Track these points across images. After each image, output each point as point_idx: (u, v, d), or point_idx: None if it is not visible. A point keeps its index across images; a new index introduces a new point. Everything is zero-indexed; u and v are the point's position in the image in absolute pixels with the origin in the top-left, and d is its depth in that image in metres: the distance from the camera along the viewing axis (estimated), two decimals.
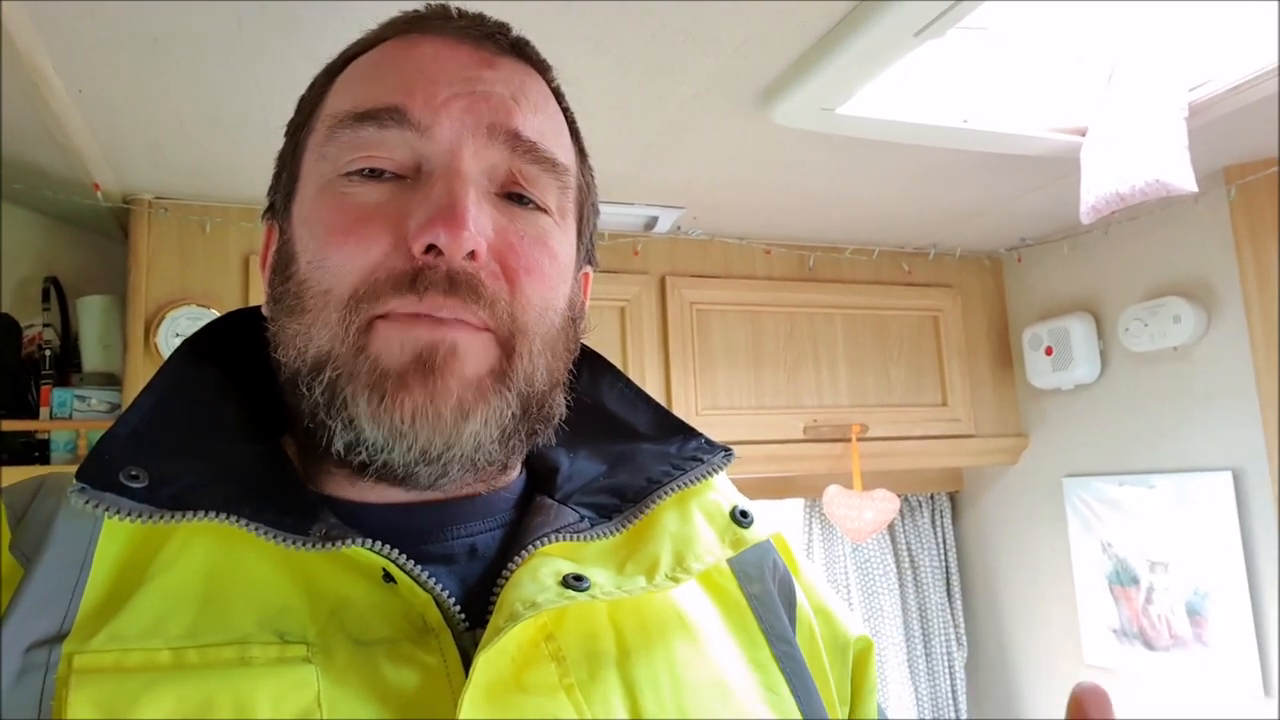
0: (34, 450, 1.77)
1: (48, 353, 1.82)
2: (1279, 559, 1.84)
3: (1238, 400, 1.92)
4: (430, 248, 0.48)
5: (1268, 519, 1.86)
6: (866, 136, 1.59)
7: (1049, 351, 2.29)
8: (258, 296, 1.94)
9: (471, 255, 0.48)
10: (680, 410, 2.10)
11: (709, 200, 1.99)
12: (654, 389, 2.13)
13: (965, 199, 2.06)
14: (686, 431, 0.60)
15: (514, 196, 0.52)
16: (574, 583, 0.49)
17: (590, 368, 0.63)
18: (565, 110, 0.59)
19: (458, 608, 0.48)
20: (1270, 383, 1.83)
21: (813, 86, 1.37)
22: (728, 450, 0.59)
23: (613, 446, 0.60)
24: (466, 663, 0.46)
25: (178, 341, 1.81)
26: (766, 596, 0.58)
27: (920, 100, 1.51)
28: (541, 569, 0.49)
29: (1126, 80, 1.47)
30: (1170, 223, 2.06)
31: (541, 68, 0.57)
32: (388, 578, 0.47)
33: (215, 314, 1.76)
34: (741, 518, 0.56)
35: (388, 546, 0.47)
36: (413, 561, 0.48)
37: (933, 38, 1.22)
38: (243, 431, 0.52)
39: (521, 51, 0.56)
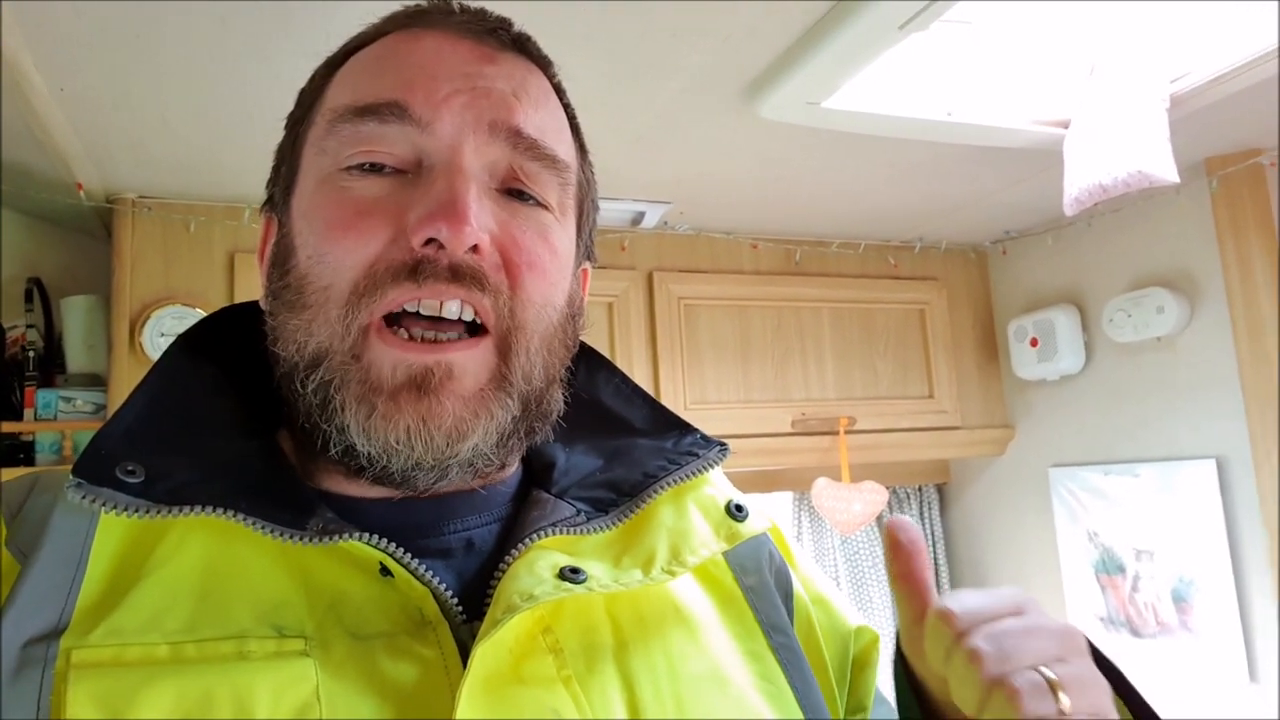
0: (19, 452, 1.76)
1: (31, 354, 1.80)
2: (1263, 546, 1.86)
3: (1221, 389, 1.94)
4: (430, 241, 0.48)
5: (1251, 507, 1.88)
6: (852, 130, 1.59)
7: (1034, 343, 2.30)
8: (243, 295, 1.94)
9: (475, 249, 0.48)
10: (669, 404, 2.10)
11: (696, 195, 1.99)
12: (642, 384, 2.10)
13: (950, 192, 2.07)
14: (682, 427, 0.61)
15: (514, 193, 0.52)
16: (571, 575, 0.49)
17: (587, 363, 0.64)
18: (566, 106, 0.58)
19: (455, 601, 0.48)
20: (1253, 372, 1.85)
21: (798, 80, 1.37)
22: (723, 445, 0.60)
23: (609, 441, 0.60)
24: (464, 656, 0.46)
25: (163, 341, 1.80)
26: (762, 588, 0.58)
27: (905, 94, 1.51)
28: (538, 562, 0.49)
29: (1108, 73, 1.48)
30: (1153, 214, 2.07)
31: (543, 64, 0.57)
32: (385, 572, 0.47)
33: (200, 313, 1.75)
34: (736, 511, 0.57)
35: (384, 540, 0.47)
36: (410, 555, 0.48)
37: (916, 31, 1.23)
38: (239, 427, 0.52)
39: (523, 47, 0.56)
